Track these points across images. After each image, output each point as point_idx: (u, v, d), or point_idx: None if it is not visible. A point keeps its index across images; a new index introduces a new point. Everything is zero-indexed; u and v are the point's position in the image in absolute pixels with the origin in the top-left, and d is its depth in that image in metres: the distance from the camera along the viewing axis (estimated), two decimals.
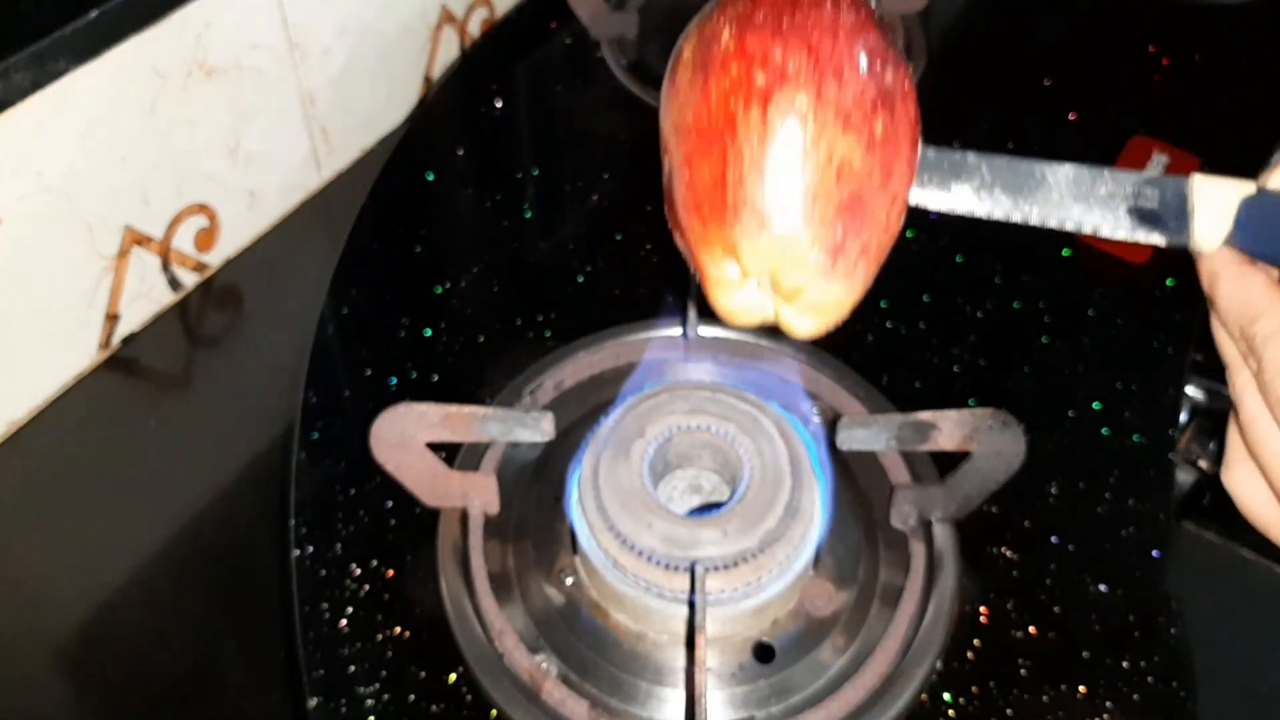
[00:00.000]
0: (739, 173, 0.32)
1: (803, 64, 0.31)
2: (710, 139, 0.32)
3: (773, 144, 0.31)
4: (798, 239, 0.32)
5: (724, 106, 0.32)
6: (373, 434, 0.44)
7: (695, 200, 0.33)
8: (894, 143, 0.32)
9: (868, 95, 0.31)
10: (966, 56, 0.78)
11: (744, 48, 0.31)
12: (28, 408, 0.59)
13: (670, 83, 0.34)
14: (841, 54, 0.31)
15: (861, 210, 0.32)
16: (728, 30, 0.32)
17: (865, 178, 0.32)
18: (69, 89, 0.55)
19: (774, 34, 0.31)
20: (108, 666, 0.50)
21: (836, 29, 0.31)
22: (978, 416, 0.43)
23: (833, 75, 0.31)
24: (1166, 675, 0.44)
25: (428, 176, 0.67)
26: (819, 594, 0.46)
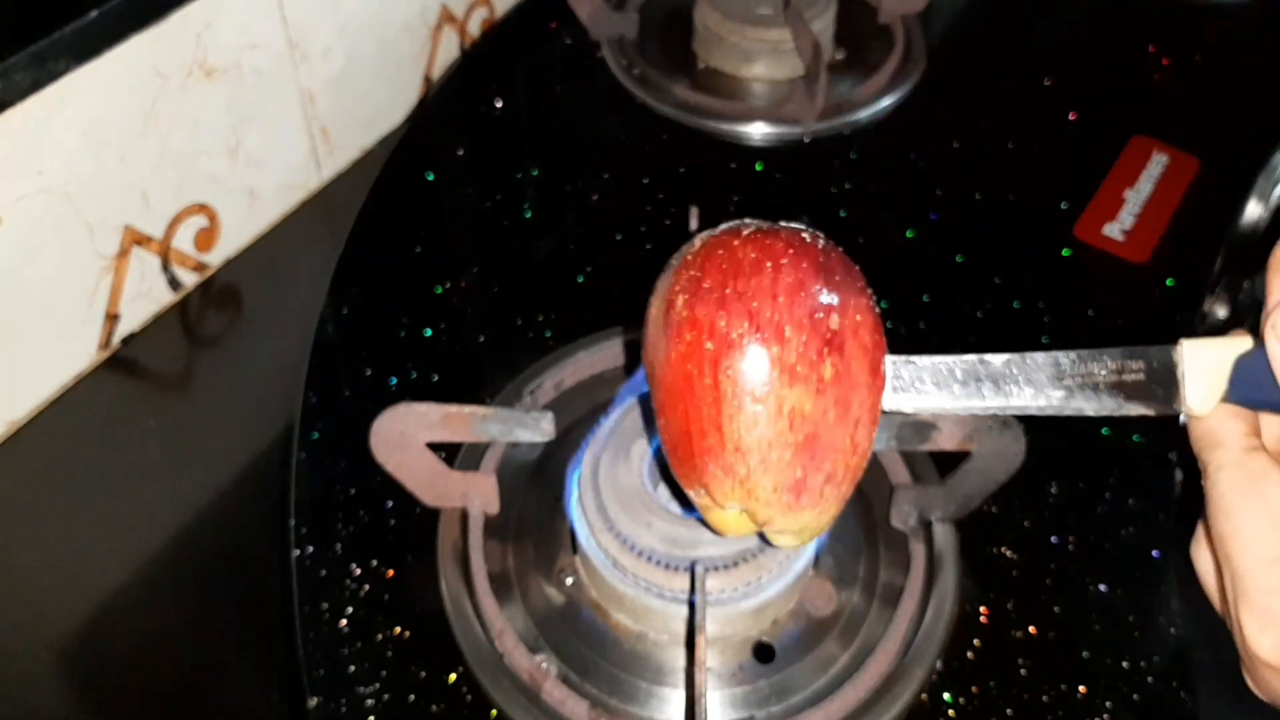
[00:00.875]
0: (699, 428, 0.34)
1: (745, 330, 0.33)
2: (675, 396, 0.35)
3: (725, 405, 0.34)
4: (758, 485, 0.34)
5: (682, 368, 0.34)
6: (373, 434, 0.44)
7: (671, 444, 0.36)
8: (846, 379, 0.34)
9: (811, 346, 0.33)
10: (966, 56, 0.78)
11: (694, 315, 0.34)
12: (28, 408, 0.59)
13: (646, 332, 0.37)
14: (782, 315, 0.33)
15: (819, 447, 0.34)
16: (681, 297, 0.35)
17: (820, 418, 0.34)
18: (69, 89, 0.55)
19: (718, 303, 0.34)
20: (108, 666, 0.50)
21: (775, 291, 0.34)
22: (978, 416, 0.43)
23: (774, 337, 0.33)
24: (1166, 675, 0.44)
25: (428, 176, 0.67)
26: (819, 594, 0.46)
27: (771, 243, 0.35)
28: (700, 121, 0.70)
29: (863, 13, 0.77)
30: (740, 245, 0.35)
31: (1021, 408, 0.35)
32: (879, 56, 0.74)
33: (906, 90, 0.72)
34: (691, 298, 0.34)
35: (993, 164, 0.68)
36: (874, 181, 0.67)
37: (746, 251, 0.35)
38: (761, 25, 0.72)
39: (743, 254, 0.35)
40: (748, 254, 0.35)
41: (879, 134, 0.70)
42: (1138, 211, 0.64)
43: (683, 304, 0.35)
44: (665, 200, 0.65)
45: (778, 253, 0.35)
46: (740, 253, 0.35)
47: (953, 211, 0.64)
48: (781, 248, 0.35)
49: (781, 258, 0.34)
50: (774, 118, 0.70)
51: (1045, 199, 0.65)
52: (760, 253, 0.35)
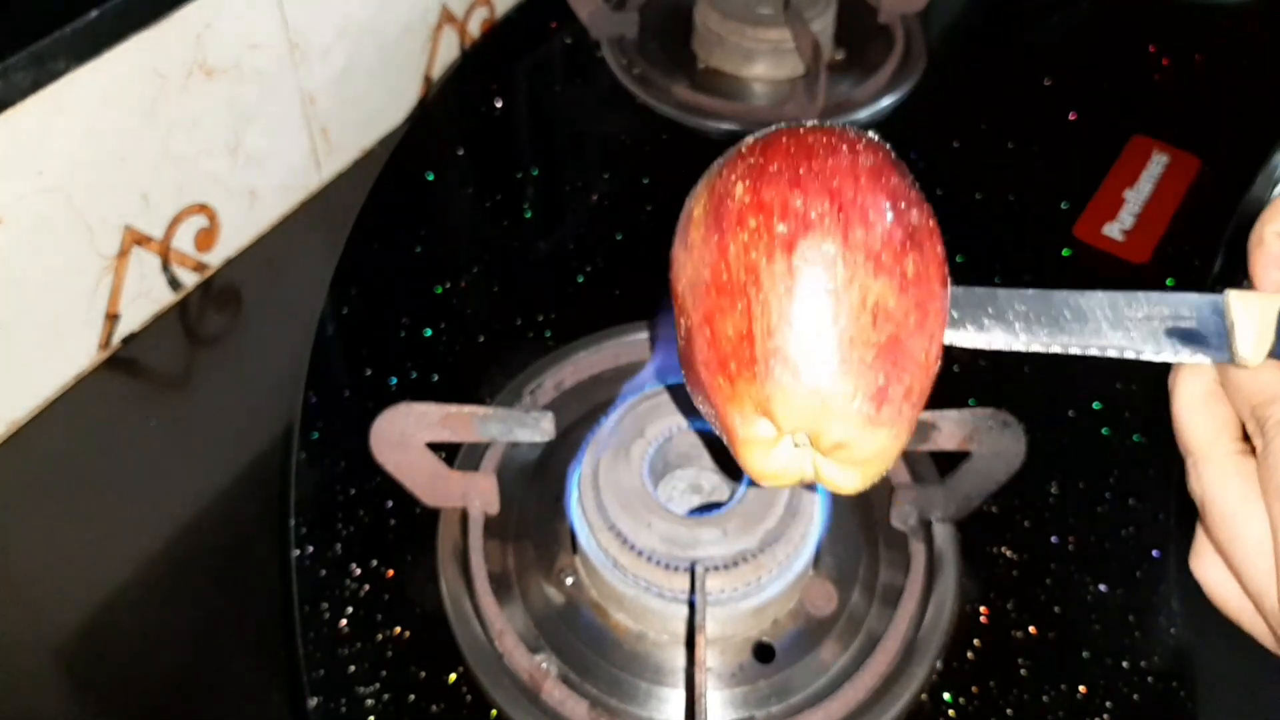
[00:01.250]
0: (767, 324, 0.30)
1: (826, 209, 0.30)
2: (732, 294, 0.31)
3: (803, 292, 0.30)
4: (838, 389, 0.30)
5: (744, 259, 0.31)
6: (373, 434, 0.44)
7: (720, 358, 0.32)
8: (926, 282, 0.31)
9: (896, 236, 0.30)
10: (966, 56, 0.78)
11: (760, 199, 0.31)
12: (28, 408, 0.59)
13: (681, 243, 0.33)
14: (865, 197, 0.30)
15: (901, 353, 0.31)
16: (741, 184, 0.31)
17: (902, 319, 0.30)
18: (69, 89, 0.55)
19: (792, 183, 0.30)
20: (108, 666, 0.50)
21: (857, 173, 0.31)
22: (978, 416, 0.43)
23: (858, 218, 0.30)
24: (1166, 675, 0.44)
25: (428, 176, 0.67)
26: (819, 594, 0.46)
27: (842, 133, 0.32)
28: (700, 121, 0.70)
29: (863, 13, 0.77)
30: (807, 133, 0.32)
31: (1082, 348, 0.33)
32: (879, 56, 0.74)
33: (906, 90, 0.72)
34: (756, 182, 0.31)
35: (993, 164, 0.68)
36: None
37: (817, 138, 0.32)
38: (761, 25, 0.72)
39: (813, 139, 0.32)
40: (818, 139, 0.32)
41: (879, 134, 0.70)
42: (1138, 211, 0.64)
43: (744, 190, 0.31)
44: (665, 200, 0.65)
45: (851, 139, 0.32)
46: (810, 138, 0.32)
47: (953, 211, 0.64)
48: (854, 137, 0.32)
49: (857, 143, 0.32)
50: (774, 118, 0.70)
51: (1045, 199, 0.65)
52: (832, 138, 0.32)
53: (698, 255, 0.32)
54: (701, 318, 0.32)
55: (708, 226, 0.32)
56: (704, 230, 0.32)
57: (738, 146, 0.33)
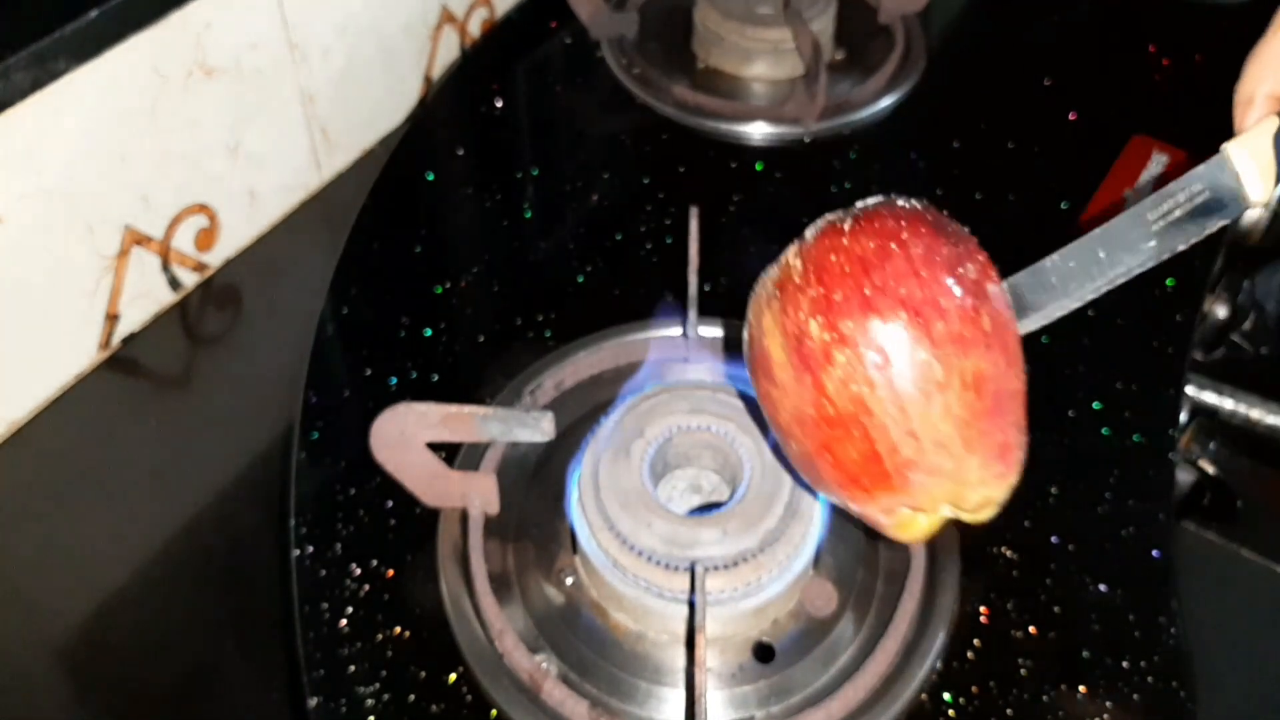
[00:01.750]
0: (889, 444, 0.32)
1: (904, 321, 0.31)
2: (844, 425, 0.32)
3: (912, 404, 0.31)
4: (971, 469, 0.32)
5: (846, 392, 0.32)
6: (373, 434, 0.44)
7: (850, 476, 0.34)
8: (999, 320, 0.33)
9: (967, 305, 0.32)
10: (966, 56, 0.78)
11: (840, 334, 0.32)
12: (28, 408, 0.59)
13: (768, 379, 0.35)
14: (931, 288, 0.32)
15: (1004, 399, 0.32)
16: (814, 322, 0.32)
17: (996, 373, 0.32)
18: (69, 89, 0.55)
19: (863, 308, 0.32)
20: (108, 666, 0.50)
21: (915, 268, 0.32)
22: None
23: (934, 314, 0.31)
24: (1166, 675, 0.44)
25: (428, 176, 0.67)
26: (819, 594, 0.46)
27: (880, 224, 0.33)
28: (700, 121, 0.70)
29: (863, 13, 0.77)
30: (850, 242, 0.33)
31: (1129, 272, 0.35)
32: (879, 56, 0.74)
33: (906, 90, 0.72)
34: (828, 316, 0.32)
35: (993, 164, 0.68)
36: (874, 181, 0.67)
37: (863, 244, 0.32)
38: (761, 25, 0.72)
39: (860, 248, 0.32)
40: (865, 245, 0.32)
41: (879, 134, 0.70)
42: None
43: (819, 327, 0.32)
44: (665, 200, 0.65)
45: (892, 230, 0.33)
46: (857, 248, 0.32)
47: (953, 211, 0.64)
48: (893, 224, 0.33)
49: (900, 233, 0.32)
50: (774, 118, 0.70)
51: (1045, 199, 0.65)
52: (877, 239, 0.32)
53: (794, 393, 0.33)
54: (818, 446, 0.34)
55: (795, 366, 0.33)
56: (792, 371, 0.33)
57: (786, 268, 0.34)
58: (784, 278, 0.34)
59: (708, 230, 0.55)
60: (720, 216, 0.64)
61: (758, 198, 0.66)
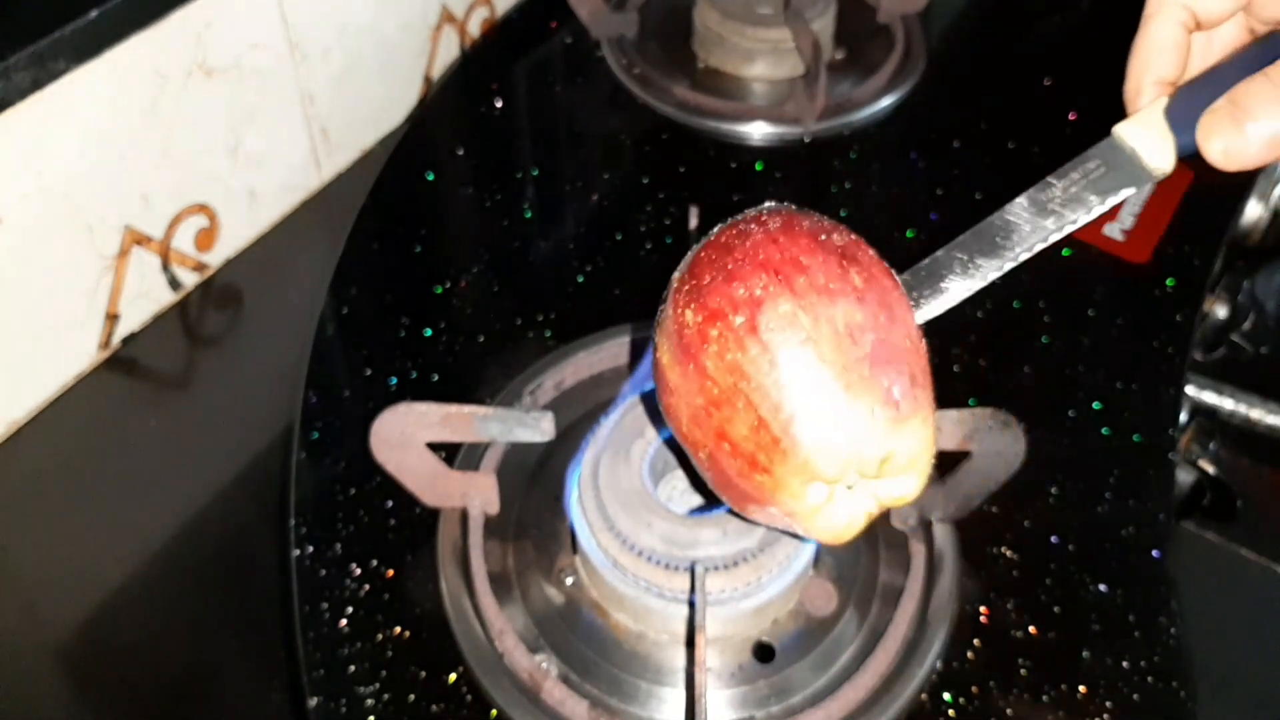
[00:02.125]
0: (771, 403, 0.32)
1: (764, 280, 0.32)
2: (730, 399, 0.33)
3: (784, 356, 0.32)
4: (857, 414, 0.32)
5: (722, 364, 0.33)
6: (373, 434, 0.44)
7: (748, 459, 0.33)
8: (876, 283, 0.33)
9: (831, 263, 0.33)
10: (966, 56, 0.78)
11: (709, 309, 0.33)
12: (28, 408, 0.59)
13: (666, 394, 0.36)
14: (789, 250, 0.33)
15: (889, 350, 0.32)
16: (689, 311, 0.34)
17: (874, 323, 0.32)
18: (69, 89, 0.55)
19: (727, 280, 0.33)
20: (108, 666, 0.50)
21: (774, 237, 0.33)
22: (978, 416, 0.43)
23: (794, 269, 0.33)
24: (1166, 675, 0.44)
25: (428, 176, 0.67)
26: (819, 594, 0.46)
27: (744, 220, 0.35)
28: (700, 121, 0.70)
29: (863, 13, 0.77)
30: (717, 236, 0.35)
31: (1030, 252, 0.36)
32: (879, 56, 0.74)
33: (906, 90, 0.72)
34: (698, 300, 0.33)
35: (993, 164, 0.68)
36: (874, 181, 0.67)
37: (727, 235, 0.35)
38: (761, 25, 0.72)
39: (724, 238, 0.35)
40: (729, 235, 0.35)
41: (879, 134, 0.70)
42: (1138, 211, 0.64)
43: (693, 313, 0.33)
44: (665, 200, 0.65)
45: (756, 220, 0.35)
46: (721, 238, 0.35)
47: (953, 211, 0.64)
48: (755, 216, 0.35)
49: (762, 219, 0.35)
50: (774, 118, 0.70)
51: None
52: (739, 227, 0.35)
53: (685, 390, 0.34)
54: (714, 437, 0.34)
55: (680, 361, 0.34)
56: (678, 368, 0.34)
57: (667, 296, 0.36)
58: (667, 294, 0.35)
59: (708, 230, 0.54)
60: (720, 216, 0.63)
61: (758, 198, 0.65)
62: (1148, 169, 0.36)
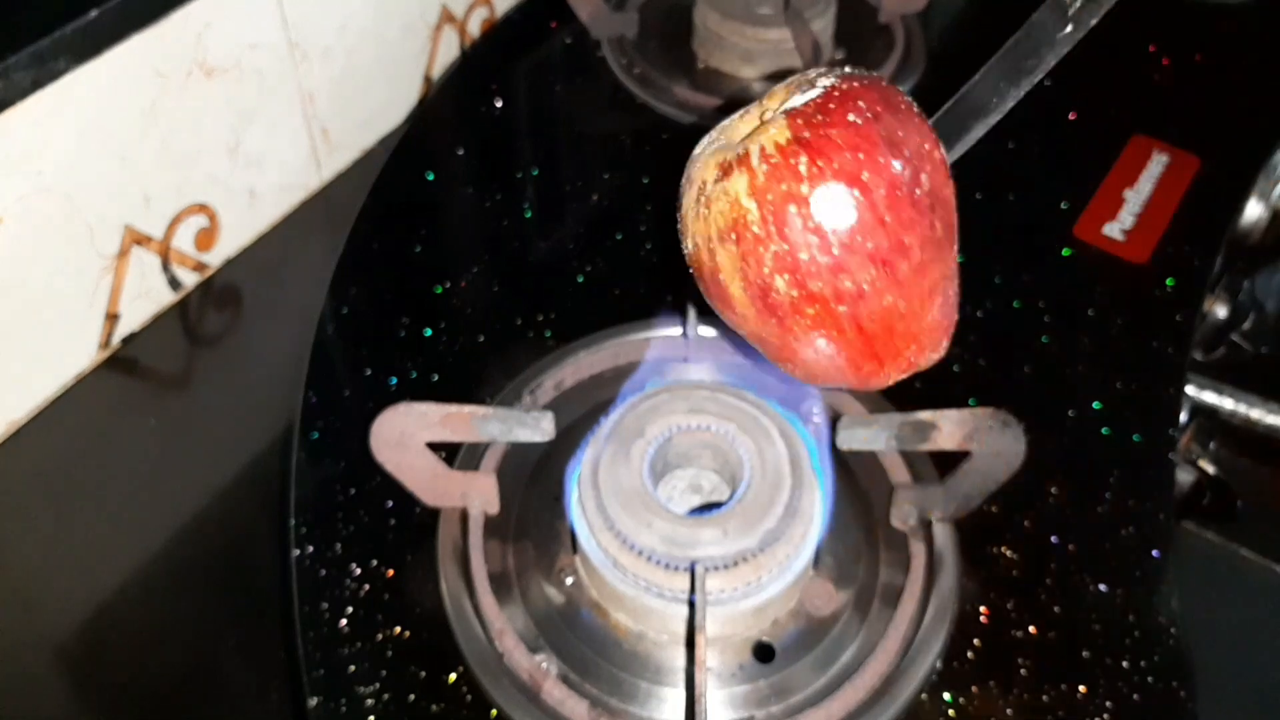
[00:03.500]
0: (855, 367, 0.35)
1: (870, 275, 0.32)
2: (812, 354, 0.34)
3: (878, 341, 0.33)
4: (925, 360, 0.35)
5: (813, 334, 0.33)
6: (373, 434, 0.44)
7: (809, 376, 0.36)
8: (949, 211, 0.34)
9: (925, 228, 0.32)
10: (966, 56, 0.78)
11: (810, 293, 0.32)
12: (28, 408, 0.59)
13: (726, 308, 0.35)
14: (895, 234, 0.32)
15: (949, 286, 0.34)
16: (780, 279, 0.32)
17: (945, 268, 0.34)
18: (69, 89, 0.55)
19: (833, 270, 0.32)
20: (108, 666, 0.50)
21: (879, 216, 0.32)
22: (978, 416, 0.43)
23: (899, 257, 0.32)
24: (1166, 675, 0.44)
25: (428, 176, 0.67)
26: (819, 594, 0.46)
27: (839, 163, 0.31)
28: (700, 121, 0.70)
29: (863, 13, 0.77)
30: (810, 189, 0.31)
31: (1046, 70, 0.36)
32: (879, 56, 0.74)
33: (906, 90, 0.72)
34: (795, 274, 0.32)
35: (993, 164, 0.67)
36: None
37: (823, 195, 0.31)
38: (761, 25, 0.72)
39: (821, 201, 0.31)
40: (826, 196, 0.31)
41: None
42: (1138, 211, 0.64)
43: (786, 284, 0.32)
44: (665, 200, 0.65)
45: (853, 171, 0.31)
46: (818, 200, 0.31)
47: None
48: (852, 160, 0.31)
49: (860, 172, 0.31)
50: None
51: (1045, 199, 0.65)
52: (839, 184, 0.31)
53: (755, 324, 0.35)
54: (781, 359, 0.35)
55: (759, 310, 0.34)
56: (755, 311, 0.34)
57: (737, 206, 0.33)
58: (738, 220, 0.32)
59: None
60: None
61: None
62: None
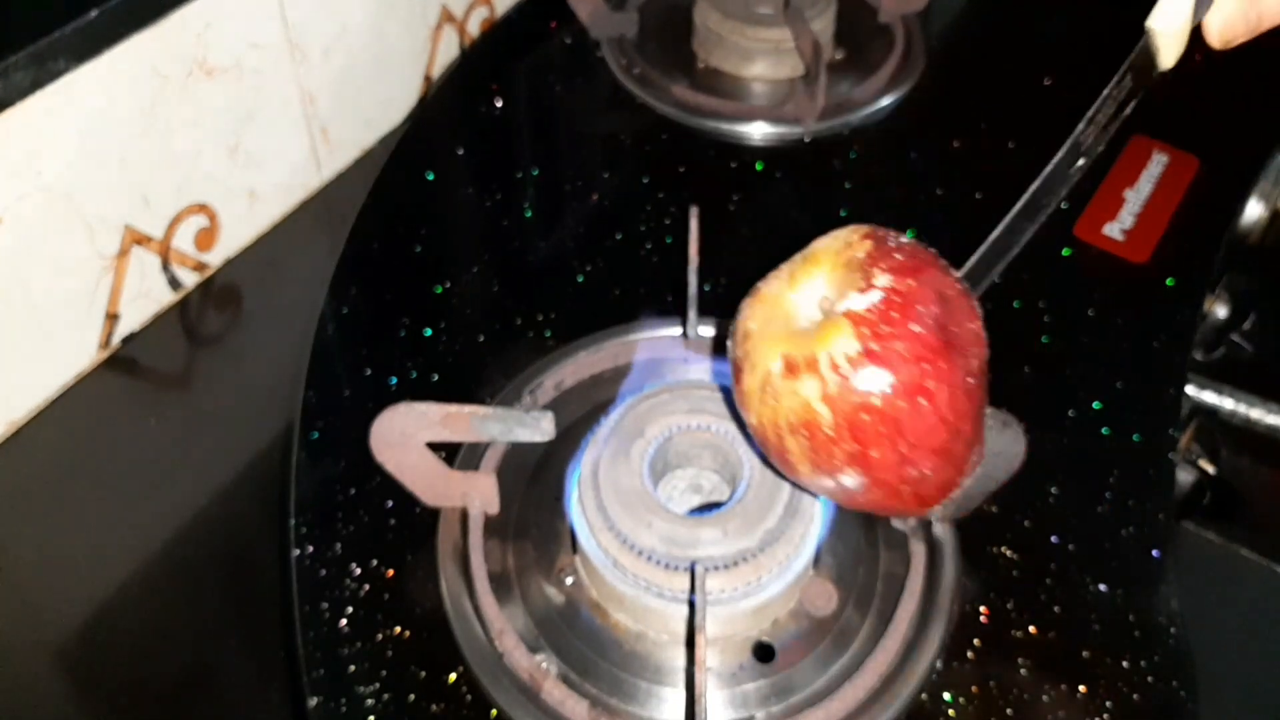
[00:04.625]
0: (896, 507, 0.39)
1: (932, 464, 0.36)
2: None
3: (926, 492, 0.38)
4: None
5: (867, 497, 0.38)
6: (373, 434, 0.44)
7: None
8: (985, 369, 0.38)
9: (976, 402, 0.37)
10: (966, 56, 0.78)
11: (876, 479, 0.36)
12: (28, 408, 0.59)
13: (787, 468, 0.39)
14: (953, 424, 0.36)
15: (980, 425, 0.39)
16: (849, 470, 0.36)
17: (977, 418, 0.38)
18: (69, 89, 0.55)
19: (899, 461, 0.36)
20: (108, 666, 0.50)
21: (941, 416, 0.36)
22: None
23: (955, 440, 0.36)
24: (1166, 675, 0.44)
25: (428, 176, 0.67)
26: (819, 594, 0.46)
27: (907, 375, 0.35)
28: (700, 121, 0.70)
29: (863, 13, 0.77)
30: (883, 404, 0.35)
31: (1060, 200, 0.38)
32: (879, 56, 0.74)
33: (906, 90, 0.72)
34: (864, 469, 0.36)
35: (993, 164, 0.68)
36: (874, 181, 0.67)
37: (894, 404, 0.35)
38: (761, 25, 0.72)
39: (893, 410, 0.35)
40: (898, 406, 0.35)
41: (879, 134, 0.70)
42: (1138, 211, 0.64)
43: (855, 475, 0.36)
44: (665, 200, 0.65)
45: (918, 381, 0.35)
46: (890, 410, 0.35)
47: (953, 211, 0.64)
48: (917, 372, 0.35)
49: (925, 380, 0.35)
50: (774, 118, 0.70)
51: None
52: (906, 398, 0.35)
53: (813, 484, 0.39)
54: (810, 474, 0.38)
55: (828, 492, 0.39)
56: (807, 466, 0.38)
57: (807, 410, 0.36)
58: (809, 421, 0.36)
59: (708, 230, 0.55)
60: (720, 216, 0.64)
61: (758, 198, 0.66)
62: (1160, 65, 0.36)
